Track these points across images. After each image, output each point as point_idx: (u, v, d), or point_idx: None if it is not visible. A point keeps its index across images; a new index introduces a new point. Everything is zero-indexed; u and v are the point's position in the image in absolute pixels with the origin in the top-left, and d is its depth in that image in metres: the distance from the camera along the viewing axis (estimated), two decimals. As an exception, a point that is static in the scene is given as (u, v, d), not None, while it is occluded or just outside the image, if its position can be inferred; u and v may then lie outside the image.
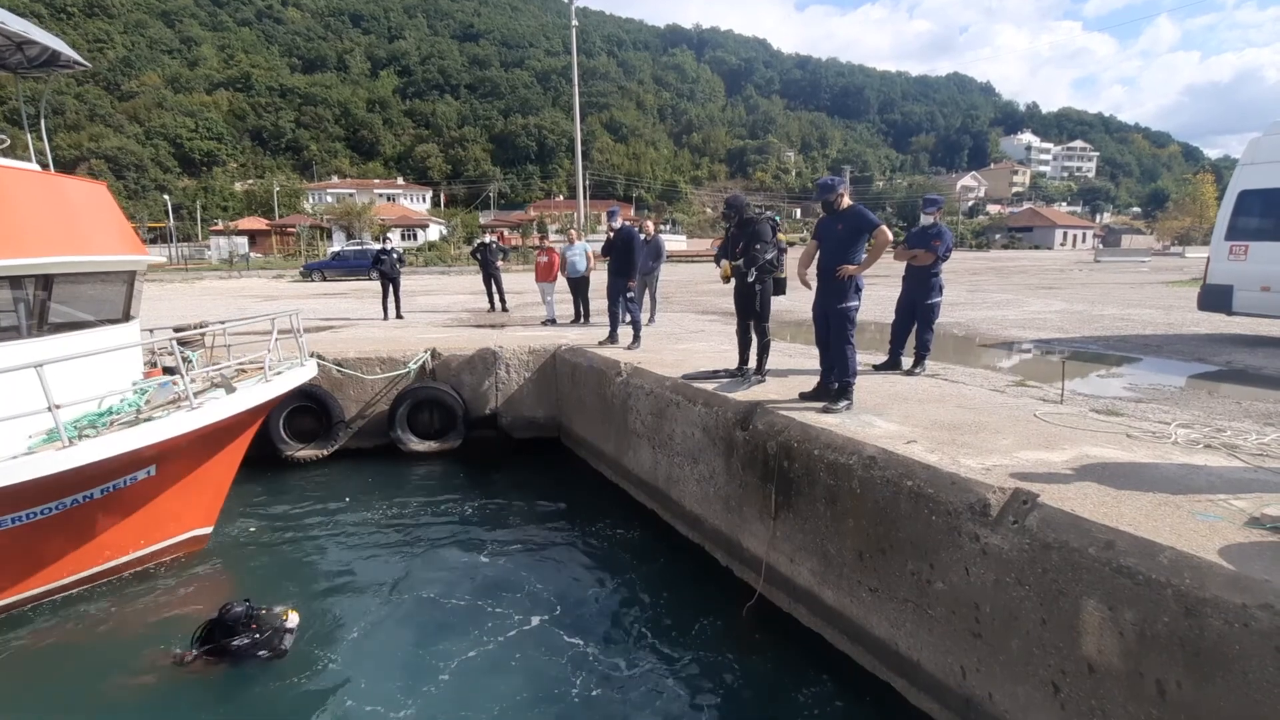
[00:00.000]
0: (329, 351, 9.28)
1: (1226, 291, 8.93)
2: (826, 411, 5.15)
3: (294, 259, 47.21)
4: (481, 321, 12.85)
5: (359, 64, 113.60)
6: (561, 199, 77.69)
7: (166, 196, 61.93)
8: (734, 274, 5.90)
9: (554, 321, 11.92)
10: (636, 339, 8.86)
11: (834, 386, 5.34)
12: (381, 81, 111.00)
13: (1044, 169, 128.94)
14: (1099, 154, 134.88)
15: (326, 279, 30.53)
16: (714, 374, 6.69)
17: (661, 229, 46.72)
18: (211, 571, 6.37)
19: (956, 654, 3.71)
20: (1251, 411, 5.37)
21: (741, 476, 5.53)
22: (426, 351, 9.44)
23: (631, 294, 8.96)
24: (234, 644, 4.56)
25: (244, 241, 53.55)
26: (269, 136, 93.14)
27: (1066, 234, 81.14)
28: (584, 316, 11.86)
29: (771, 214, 6.24)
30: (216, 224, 62.55)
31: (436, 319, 13.53)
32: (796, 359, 7.74)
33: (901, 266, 6.85)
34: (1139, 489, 3.49)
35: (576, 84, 28.58)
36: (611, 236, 9.10)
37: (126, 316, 6.80)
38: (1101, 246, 63.68)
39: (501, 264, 14.78)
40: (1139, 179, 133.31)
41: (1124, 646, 2.90)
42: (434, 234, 62.48)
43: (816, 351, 5.82)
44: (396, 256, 13.58)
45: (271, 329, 6.97)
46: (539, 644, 5.05)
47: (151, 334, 7.72)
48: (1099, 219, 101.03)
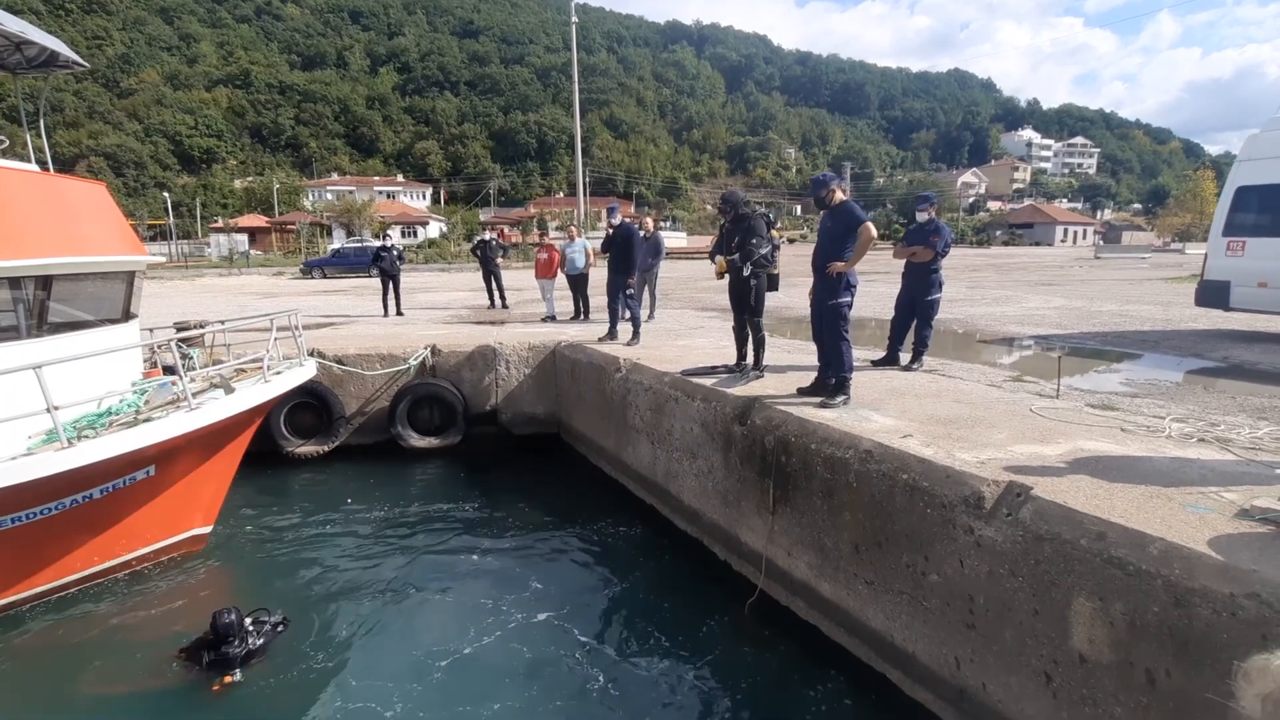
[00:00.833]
0: (329, 348, 9.31)
1: (1224, 287, 8.95)
2: (824, 406, 5.19)
3: (294, 256, 47.16)
4: (481, 318, 12.88)
5: (358, 61, 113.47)
6: (562, 196, 77.64)
7: (166, 194, 61.90)
8: (729, 269, 5.94)
9: (554, 318, 11.95)
10: (636, 335, 8.90)
11: (831, 381, 5.38)
12: (381, 78, 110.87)
13: (1045, 165, 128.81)
14: (1100, 150, 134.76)
15: (327, 276, 30.52)
16: (712, 369, 6.72)
17: (662, 226, 46.74)
18: (211, 571, 6.39)
19: (951, 645, 3.75)
20: (1246, 406, 5.40)
21: (740, 471, 5.57)
22: (427, 348, 9.47)
23: (631, 290, 8.99)
24: (231, 652, 4.58)
25: (244, 239, 53.56)
26: (268, 134, 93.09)
27: (1067, 230, 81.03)
28: (584, 313, 11.90)
29: (765, 210, 6.28)
30: (216, 221, 62.53)
31: (437, 316, 13.56)
32: (795, 355, 7.77)
33: (901, 263, 6.88)
34: (1131, 482, 3.52)
35: (576, 80, 28.58)
36: (611, 233, 9.14)
37: (126, 316, 6.83)
38: (1102, 243, 63.63)
39: (501, 261, 14.81)
40: (1140, 175, 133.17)
41: (1114, 636, 2.94)
42: (434, 231, 62.44)
43: (815, 348, 5.86)
44: (396, 254, 13.60)
45: (270, 328, 6.99)
46: (541, 641, 5.08)
47: (152, 333, 7.75)
48: (1100, 215, 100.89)
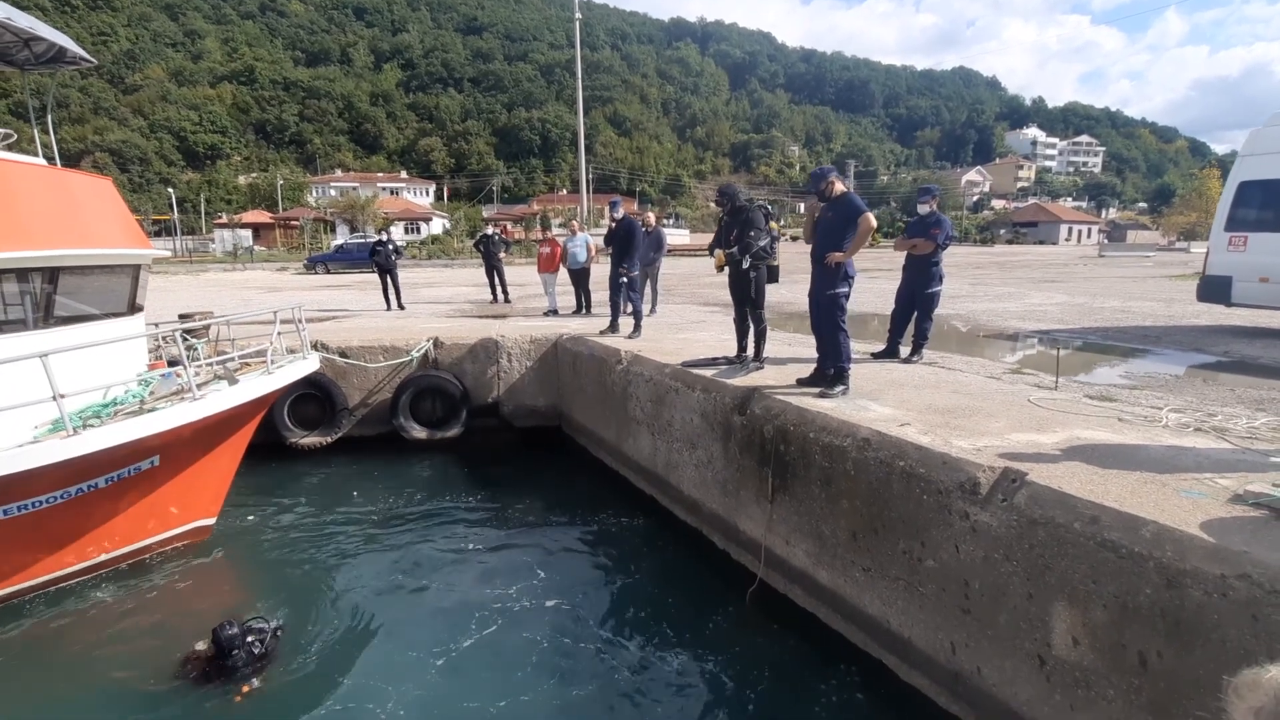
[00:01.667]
0: (332, 340, 9.36)
1: (1225, 283, 8.95)
2: (823, 396, 5.21)
3: (298, 252, 47.32)
4: (484, 312, 12.92)
5: (362, 57, 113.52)
6: (565, 193, 77.75)
7: (170, 190, 62.14)
8: (728, 261, 5.96)
9: (556, 312, 11.98)
10: (637, 328, 8.93)
11: (830, 372, 5.41)
12: (385, 75, 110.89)
13: (1049, 164, 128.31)
14: (1105, 149, 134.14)
15: (330, 271, 30.62)
16: (713, 361, 6.75)
17: (665, 223, 46.69)
18: (215, 562, 6.43)
19: (946, 630, 3.78)
20: (1244, 398, 5.42)
21: (739, 461, 5.60)
22: (429, 340, 9.51)
23: (625, 278, 9.02)
24: (240, 665, 4.55)
25: (248, 234, 53.76)
26: (272, 130, 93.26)
27: (1071, 229, 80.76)
28: (585, 307, 11.93)
29: (764, 202, 6.30)
30: (220, 217, 62.67)
31: (439, 310, 13.60)
32: (796, 348, 7.80)
33: (902, 257, 6.90)
34: (1127, 468, 3.55)
35: (580, 77, 28.58)
36: (614, 226, 9.22)
37: (131, 310, 6.88)
38: (1106, 242, 63.40)
39: (504, 256, 14.85)
40: (1145, 174, 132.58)
41: (1107, 618, 2.97)
42: (437, 227, 62.53)
43: (815, 341, 5.88)
44: (393, 247, 13.57)
45: (274, 321, 7.04)
46: (544, 632, 5.12)
47: (157, 326, 7.81)
48: (1104, 214, 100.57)
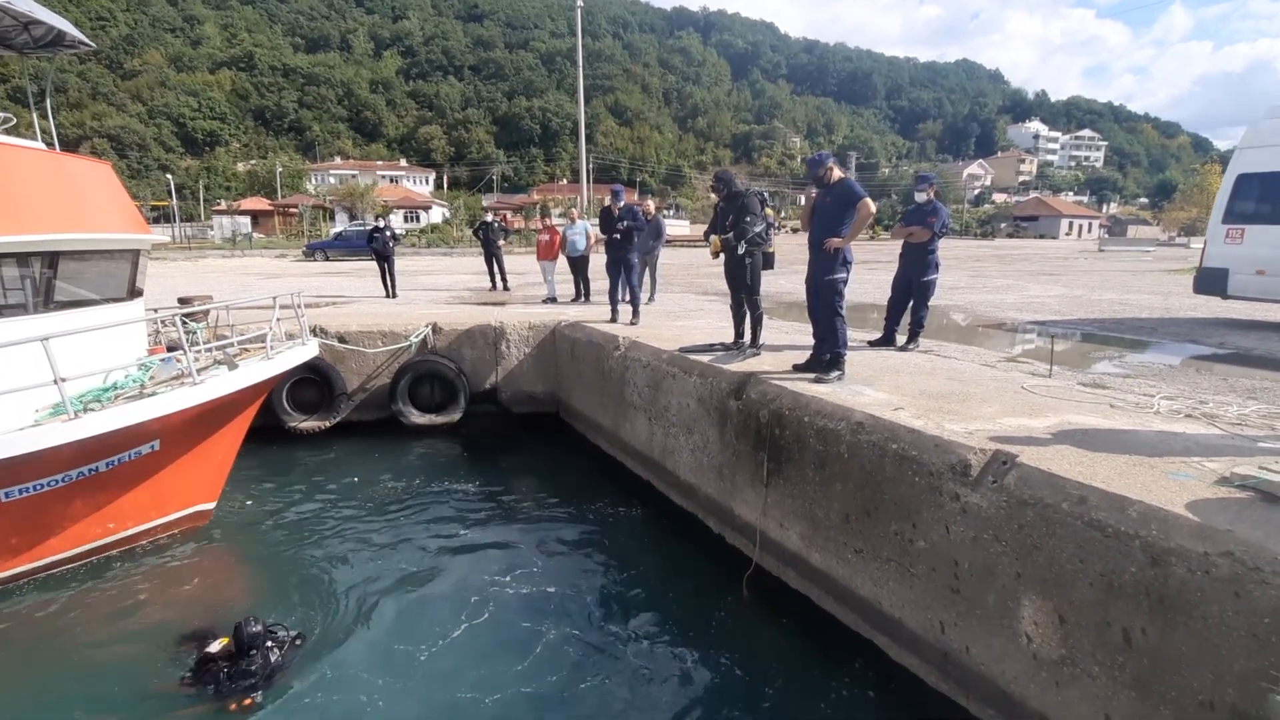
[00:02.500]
0: (331, 325, 9.38)
1: (1222, 275, 8.98)
2: (818, 381, 5.25)
3: (297, 239, 47.23)
4: (483, 299, 12.93)
5: (362, 44, 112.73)
6: (565, 183, 77.39)
7: (169, 176, 61.87)
8: (724, 247, 5.98)
9: (555, 300, 12.00)
10: (636, 315, 8.96)
11: (826, 358, 5.44)
12: (385, 62, 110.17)
13: (1051, 158, 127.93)
14: (1107, 144, 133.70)
15: (329, 259, 30.55)
16: (709, 347, 6.79)
17: (665, 213, 46.57)
18: (214, 546, 6.48)
19: (936, 610, 3.84)
20: (1236, 387, 5.46)
21: (735, 445, 5.64)
22: (428, 326, 9.54)
23: (629, 256, 9.04)
24: (254, 669, 4.29)
25: (247, 221, 53.64)
26: (272, 117, 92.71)
27: (1072, 224, 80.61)
28: (584, 295, 11.94)
29: (760, 190, 6.32)
30: (219, 204, 62.51)
31: (438, 297, 13.62)
32: (793, 336, 7.83)
33: (899, 246, 6.92)
34: (1116, 452, 3.59)
35: (581, 66, 28.43)
36: (617, 213, 9.22)
37: (131, 295, 6.89)
38: (1107, 236, 63.33)
39: (503, 244, 14.84)
40: (1147, 169, 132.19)
41: (1093, 596, 3.02)
42: (437, 216, 62.41)
43: (812, 329, 5.91)
44: (390, 234, 13.57)
45: (273, 307, 7.06)
46: (541, 617, 5.16)
47: (156, 311, 7.83)
48: (1105, 209, 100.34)
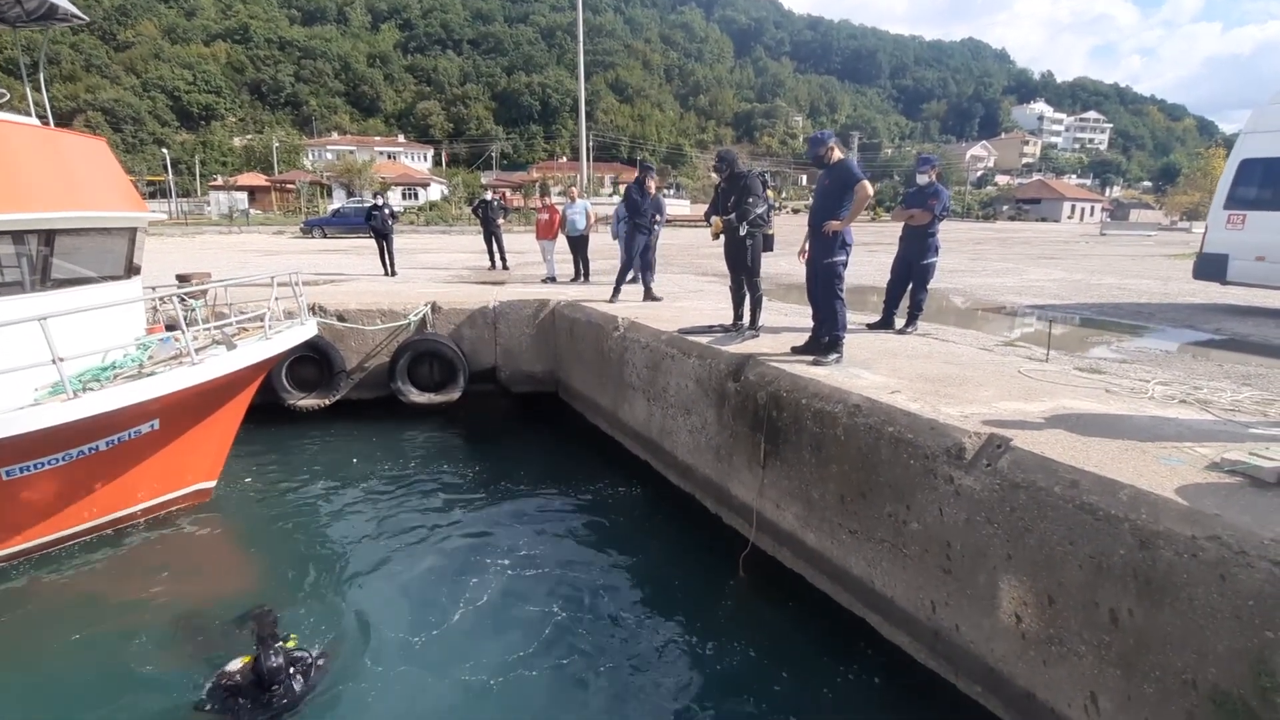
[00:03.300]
0: (330, 303, 9.37)
1: (1222, 260, 8.97)
2: (816, 364, 5.27)
3: (294, 216, 46.88)
4: (482, 278, 12.90)
5: (359, 16, 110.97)
6: (565, 160, 76.73)
7: (165, 150, 61.15)
8: (725, 229, 5.96)
9: (554, 279, 11.97)
10: (649, 293, 9.09)
11: (824, 340, 5.46)
12: (382, 35, 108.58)
13: (1055, 140, 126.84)
14: (1112, 126, 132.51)
15: (327, 236, 30.41)
16: (708, 329, 6.80)
17: (665, 192, 46.26)
18: (215, 525, 6.53)
19: (928, 590, 3.90)
20: (1231, 373, 5.49)
21: (732, 426, 5.68)
22: (427, 305, 9.53)
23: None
24: (275, 703, 4.00)
25: (243, 197, 53.17)
26: (268, 90, 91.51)
27: (1074, 207, 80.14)
28: (584, 275, 11.91)
29: (762, 171, 6.29)
30: (216, 179, 61.88)
31: (437, 275, 13.58)
32: (792, 318, 7.83)
33: (899, 228, 6.90)
34: (1109, 436, 3.62)
35: (581, 41, 28.03)
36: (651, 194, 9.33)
37: (129, 273, 6.87)
38: (1109, 220, 63.03)
39: (502, 222, 14.76)
40: (1151, 153, 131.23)
41: (1082, 578, 3.08)
42: (435, 193, 61.87)
43: (811, 311, 5.91)
44: (389, 212, 13.49)
45: (272, 286, 7.04)
46: (540, 597, 5.23)
47: (155, 290, 7.81)
48: (1108, 193, 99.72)
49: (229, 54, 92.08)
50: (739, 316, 6.56)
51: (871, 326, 7.06)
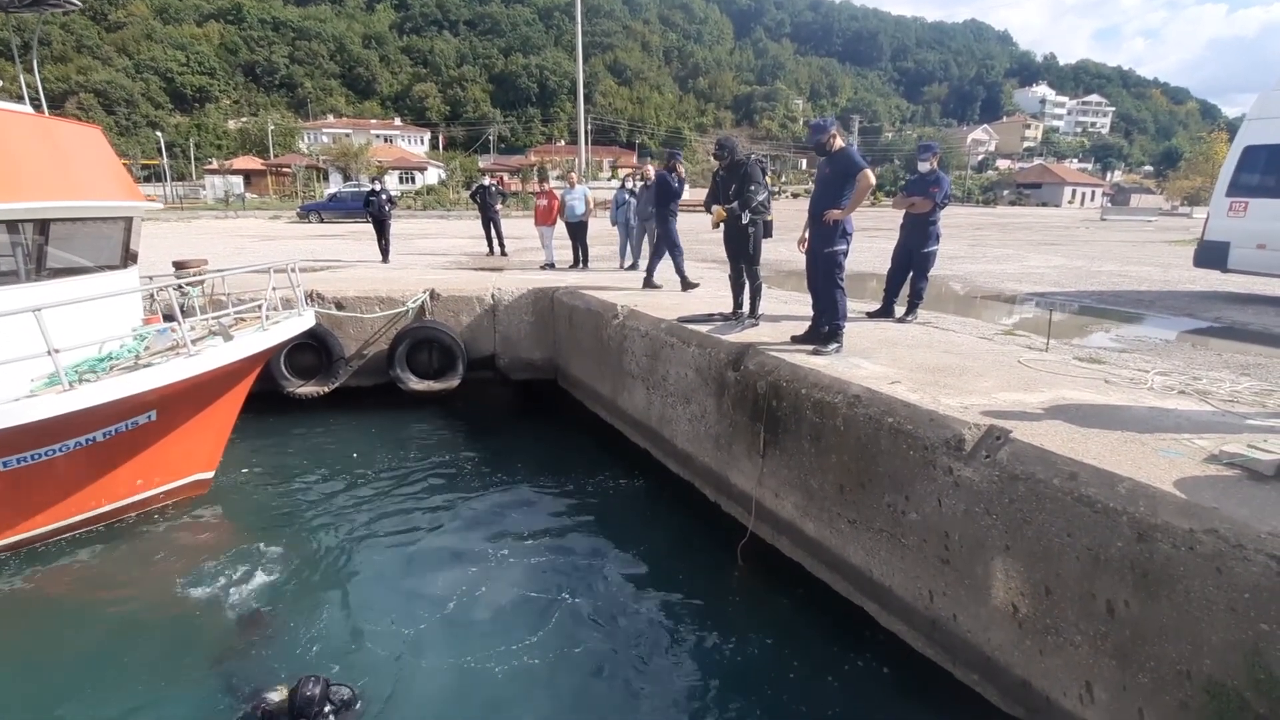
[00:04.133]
0: (327, 291, 9.33)
1: (1223, 248, 8.94)
2: (816, 354, 5.27)
3: (290, 200, 46.57)
4: (480, 265, 12.85)
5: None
6: (563, 144, 76.07)
7: (159, 134, 60.55)
8: (727, 217, 5.92)
9: (553, 266, 11.93)
10: (685, 281, 9.05)
11: (824, 330, 5.45)
12: (378, 16, 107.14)
13: (1057, 123, 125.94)
14: (1115, 109, 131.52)
15: (324, 221, 30.24)
16: (708, 317, 6.78)
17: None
18: (214, 515, 6.54)
19: (925, 579, 3.93)
20: (1230, 363, 5.50)
21: (732, 416, 5.69)
22: (425, 292, 9.49)
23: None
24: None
25: (239, 181, 52.77)
26: (262, 72, 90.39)
27: (1075, 191, 79.78)
28: (583, 261, 11.87)
29: (761, 157, 6.24)
30: (211, 163, 61.30)
31: (435, 262, 13.52)
32: (792, 306, 7.82)
33: (900, 216, 6.87)
34: (1109, 428, 3.63)
35: (580, 22, 27.67)
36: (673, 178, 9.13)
37: (125, 262, 6.82)
38: (1109, 205, 62.79)
39: (501, 208, 14.67)
40: (1154, 136, 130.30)
41: (1079, 569, 3.10)
42: (432, 177, 61.41)
43: (811, 299, 5.90)
44: (386, 198, 13.34)
45: (269, 276, 7.00)
46: (540, 585, 5.27)
47: (151, 279, 7.76)
48: (1109, 177, 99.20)
49: (222, 34, 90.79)
50: (739, 305, 6.54)
51: (871, 315, 7.04)
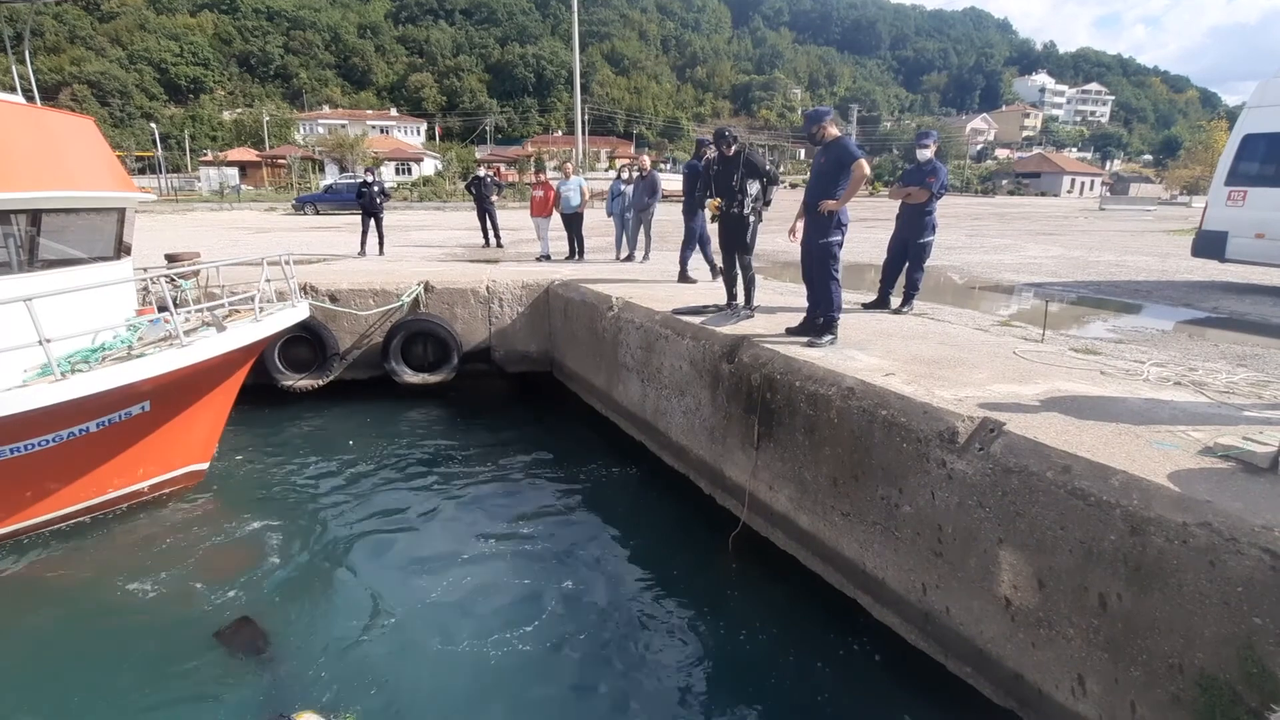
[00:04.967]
0: (322, 284, 9.27)
1: (1221, 238, 8.90)
2: (811, 345, 5.24)
3: (285, 191, 46.32)
4: (476, 256, 12.78)
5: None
6: (560, 134, 75.69)
7: (153, 125, 60.12)
8: (725, 208, 5.86)
9: (548, 257, 11.86)
10: (717, 273, 8.87)
11: (819, 321, 5.41)
12: (373, 5, 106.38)
13: (1057, 112, 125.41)
14: (1114, 98, 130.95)
15: (320, 213, 30.04)
16: (703, 309, 6.75)
17: (661, 167, 45.80)
18: (208, 506, 6.52)
19: (919, 572, 3.92)
20: (1227, 354, 5.48)
21: (726, 408, 5.66)
22: (420, 284, 9.44)
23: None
24: None
25: (234, 173, 52.52)
26: (257, 63, 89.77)
27: (1074, 181, 79.58)
28: (578, 253, 11.80)
29: (757, 147, 6.18)
30: (206, 155, 60.97)
31: (431, 254, 13.44)
32: (787, 298, 7.78)
33: (895, 205, 6.82)
34: (1103, 420, 3.61)
35: (576, 11, 27.44)
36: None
37: (119, 254, 6.77)
38: (1108, 194, 62.64)
39: (496, 199, 14.57)
40: (1153, 125, 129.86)
41: (1072, 562, 3.08)
42: (429, 168, 61.10)
43: (805, 291, 5.86)
44: (379, 189, 13.18)
45: (262, 269, 6.95)
46: (533, 575, 5.26)
47: (145, 271, 7.71)
48: (1109, 166, 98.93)
49: (216, 24, 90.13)
50: (732, 296, 6.50)
51: (867, 306, 7.01)
